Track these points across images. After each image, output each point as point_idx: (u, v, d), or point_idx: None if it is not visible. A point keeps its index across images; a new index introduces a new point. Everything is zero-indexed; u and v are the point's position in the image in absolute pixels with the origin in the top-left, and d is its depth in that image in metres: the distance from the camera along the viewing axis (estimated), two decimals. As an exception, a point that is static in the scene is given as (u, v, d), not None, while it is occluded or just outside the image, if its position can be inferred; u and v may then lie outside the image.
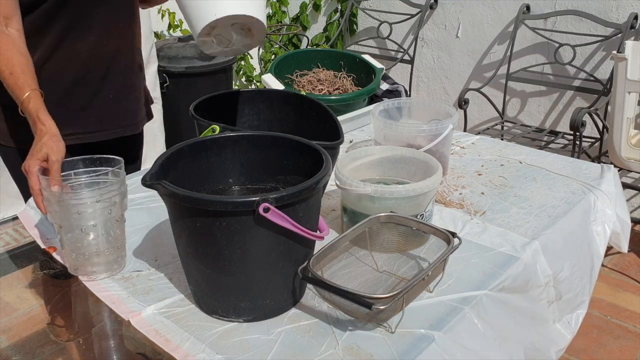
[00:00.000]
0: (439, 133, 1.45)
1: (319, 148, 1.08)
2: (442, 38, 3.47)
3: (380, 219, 1.15)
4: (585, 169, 1.59)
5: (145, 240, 1.27)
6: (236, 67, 3.82)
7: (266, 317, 1.02)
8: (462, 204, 1.41)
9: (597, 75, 2.93)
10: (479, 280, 1.12)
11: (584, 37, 2.92)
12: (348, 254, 1.14)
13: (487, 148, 1.76)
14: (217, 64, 3.12)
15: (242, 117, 1.48)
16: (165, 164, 1.03)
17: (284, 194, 0.92)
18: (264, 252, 0.97)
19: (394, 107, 1.61)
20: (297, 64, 2.21)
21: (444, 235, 1.09)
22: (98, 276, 1.12)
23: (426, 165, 1.29)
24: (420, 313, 1.02)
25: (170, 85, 3.05)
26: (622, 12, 2.82)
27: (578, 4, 2.92)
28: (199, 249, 0.98)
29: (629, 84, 2.31)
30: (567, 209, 1.38)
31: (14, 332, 1.04)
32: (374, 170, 1.36)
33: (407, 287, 0.95)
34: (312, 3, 3.96)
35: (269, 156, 1.16)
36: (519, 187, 1.50)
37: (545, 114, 3.18)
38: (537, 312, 1.22)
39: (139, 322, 1.02)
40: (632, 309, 2.32)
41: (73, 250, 1.10)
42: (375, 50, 3.79)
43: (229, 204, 0.91)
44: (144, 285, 1.12)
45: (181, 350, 0.95)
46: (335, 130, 1.31)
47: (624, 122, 2.36)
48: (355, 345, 0.95)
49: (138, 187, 1.25)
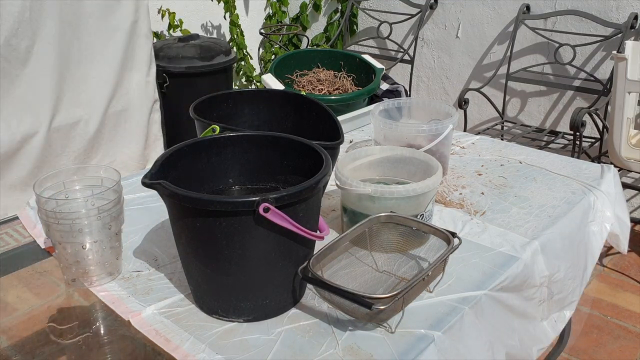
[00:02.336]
0: (439, 133, 1.45)
1: (319, 148, 1.08)
2: (442, 38, 3.47)
3: (380, 219, 1.15)
4: (585, 169, 1.59)
5: (145, 240, 1.27)
6: (236, 67, 3.82)
7: (266, 317, 1.02)
8: (462, 204, 1.41)
9: (597, 75, 2.93)
10: (479, 280, 1.12)
11: (584, 37, 2.92)
12: (348, 254, 1.14)
13: (487, 148, 1.76)
14: (217, 64, 3.12)
15: (242, 117, 1.47)
16: (165, 164, 1.03)
17: (284, 194, 0.92)
18: (264, 252, 0.97)
19: (394, 107, 1.61)
20: (297, 64, 2.20)
21: (444, 235, 1.09)
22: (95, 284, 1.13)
23: (426, 165, 1.29)
24: (420, 313, 1.03)
25: (170, 85, 3.05)
26: (622, 12, 2.82)
27: (578, 4, 2.92)
28: (199, 249, 0.98)
29: (629, 84, 2.31)
30: (567, 209, 1.38)
31: (14, 332, 1.04)
32: (374, 170, 1.35)
33: (407, 287, 0.95)
34: (312, 3, 3.96)
35: (269, 156, 1.16)
36: (519, 187, 1.50)
37: (545, 114, 3.18)
38: (527, 311, 1.23)
39: (139, 322, 1.02)
40: (632, 309, 2.32)
41: (72, 265, 1.10)
42: (375, 50, 3.79)
43: (229, 204, 0.91)
44: (144, 285, 1.12)
45: (181, 350, 0.95)
46: (335, 130, 1.31)
47: (624, 122, 2.36)
48: (355, 345, 0.95)
49: (138, 187, 1.25)
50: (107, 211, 1.07)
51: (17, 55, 2.25)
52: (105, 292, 1.11)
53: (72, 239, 1.06)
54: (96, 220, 1.06)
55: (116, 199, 1.09)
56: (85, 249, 1.08)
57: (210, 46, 3.14)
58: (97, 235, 1.08)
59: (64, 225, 1.05)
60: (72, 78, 2.46)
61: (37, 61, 2.31)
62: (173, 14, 3.40)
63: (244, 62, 3.83)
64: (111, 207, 1.08)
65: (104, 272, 1.13)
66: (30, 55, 2.29)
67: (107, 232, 1.09)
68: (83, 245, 1.08)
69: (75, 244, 1.07)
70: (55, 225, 1.05)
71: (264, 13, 4.09)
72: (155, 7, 3.32)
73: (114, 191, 1.10)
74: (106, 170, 1.17)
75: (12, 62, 2.24)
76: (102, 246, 1.10)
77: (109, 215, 1.08)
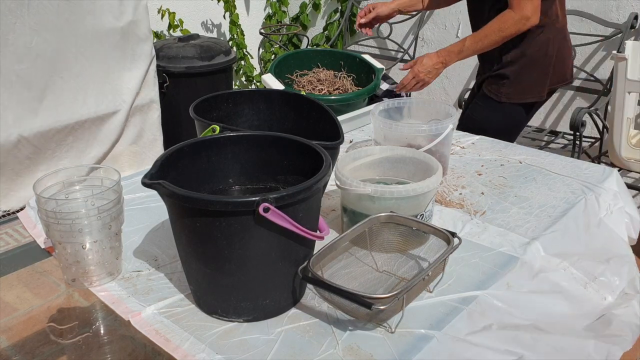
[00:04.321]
0: (439, 133, 1.45)
1: (319, 148, 1.08)
2: (442, 38, 3.47)
3: (380, 219, 1.15)
4: (585, 169, 1.59)
5: (145, 240, 1.27)
6: (236, 67, 3.82)
7: (266, 317, 1.02)
8: (462, 204, 1.41)
9: (597, 75, 2.93)
10: (479, 280, 1.12)
11: (584, 37, 2.91)
12: (348, 254, 1.14)
13: (487, 148, 1.76)
14: (217, 64, 3.12)
15: (242, 117, 1.47)
16: (165, 164, 1.03)
17: (284, 194, 0.92)
18: (264, 252, 0.97)
19: (394, 107, 1.61)
20: (297, 64, 2.20)
21: (444, 235, 1.09)
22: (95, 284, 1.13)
23: (426, 165, 1.29)
24: (420, 313, 1.03)
25: (170, 85, 3.05)
26: (622, 12, 2.82)
27: (578, 4, 2.92)
28: (199, 249, 0.98)
29: (629, 84, 2.31)
30: (567, 209, 1.38)
31: (14, 332, 1.04)
32: (374, 170, 1.35)
33: (407, 287, 0.95)
34: (312, 3, 3.96)
35: (269, 156, 1.16)
36: (519, 187, 1.50)
37: (545, 114, 3.18)
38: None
39: (139, 322, 1.02)
40: (632, 309, 2.31)
41: (72, 265, 1.10)
42: (375, 50, 3.79)
43: (229, 204, 0.91)
44: (144, 285, 1.12)
45: (181, 350, 0.95)
46: (335, 130, 1.31)
47: (624, 122, 2.36)
48: (355, 345, 0.95)
49: (138, 187, 1.25)
50: (107, 211, 1.07)
51: (14, 51, 2.24)
52: (105, 292, 1.11)
53: (72, 239, 1.06)
54: (96, 220, 1.06)
55: (116, 199, 1.09)
56: (85, 249, 1.08)
57: (210, 46, 3.14)
58: (97, 235, 1.08)
59: (64, 225, 1.05)
60: (70, 77, 2.45)
61: (35, 59, 2.31)
62: (173, 13, 3.40)
63: (244, 62, 3.83)
64: (111, 207, 1.08)
65: (104, 272, 1.13)
66: (28, 53, 2.28)
67: (107, 232, 1.09)
68: (83, 245, 1.08)
69: (75, 244, 1.07)
70: (55, 225, 1.05)
71: (264, 13, 4.09)
72: (155, 7, 3.32)
73: (114, 191, 1.10)
74: (106, 170, 1.17)
75: (8, 58, 2.24)
76: (102, 246, 1.10)
77: (109, 215, 1.07)
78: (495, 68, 1.98)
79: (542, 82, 1.98)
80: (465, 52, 1.89)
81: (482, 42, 1.87)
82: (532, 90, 1.99)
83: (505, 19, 1.81)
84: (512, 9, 1.80)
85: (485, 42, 1.86)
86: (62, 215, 1.04)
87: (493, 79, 2.00)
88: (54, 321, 1.06)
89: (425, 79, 1.93)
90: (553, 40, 1.94)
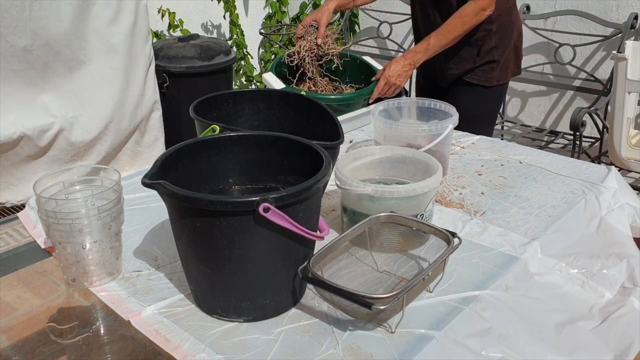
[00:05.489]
0: (439, 133, 1.45)
1: (319, 148, 1.08)
2: (442, 38, 3.46)
3: (380, 219, 1.15)
4: (585, 169, 1.59)
5: (145, 240, 1.27)
6: (236, 67, 3.82)
7: (266, 317, 1.02)
8: (462, 204, 1.41)
9: (597, 75, 2.93)
10: (479, 280, 1.12)
11: (584, 37, 2.92)
12: (348, 254, 1.14)
13: (487, 148, 1.76)
14: (217, 64, 3.12)
15: (242, 117, 1.47)
16: (165, 164, 1.03)
17: (284, 194, 0.92)
18: (264, 252, 0.97)
19: (394, 107, 1.61)
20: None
21: (444, 235, 1.09)
22: (95, 284, 1.13)
23: (426, 165, 1.29)
24: (420, 313, 1.03)
25: (170, 85, 3.05)
26: (622, 12, 2.82)
27: (578, 4, 2.92)
28: (199, 249, 0.98)
29: (629, 84, 2.31)
30: (567, 209, 1.38)
31: (14, 332, 1.03)
32: (374, 170, 1.35)
33: (407, 287, 0.95)
34: (312, 3, 3.96)
35: (269, 156, 1.16)
36: (519, 187, 1.50)
37: (545, 114, 3.18)
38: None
39: (139, 322, 1.02)
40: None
41: (72, 265, 1.10)
42: (376, 50, 3.79)
43: (229, 204, 0.91)
44: (144, 285, 1.12)
45: (181, 350, 0.95)
46: (335, 130, 1.31)
47: (624, 122, 2.36)
48: (355, 345, 0.95)
49: (138, 187, 1.25)
50: (107, 211, 1.07)
51: (14, 53, 2.25)
52: (105, 292, 1.11)
53: (72, 239, 1.06)
54: (96, 220, 1.06)
55: (116, 199, 1.09)
56: (85, 249, 1.08)
57: (210, 46, 3.14)
58: (97, 235, 1.08)
59: (64, 225, 1.05)
60: (70, 77, 2.46)
61: (35, 60, 2.31)
62: (173, 13, 3.40)
63: (244, 61, 3.83)
64: (111, 207, 1.08)
65: (104, 272, 1.13)
66: (29, 54, 2.29)
67: (107, 232, 1.09)
68: (83, 245, 1.08)
69: (75, 244, 1.07)
70: (55, 225, 1.05)
71: (264, 13, 4.09)
72: (155, 7, 3.32)
73: (114, 191, 1.10)
74: (106, 170, 1.17)
75: (9, 59, 2.24)
76: (102, 246, 1.10)
77: (109, 215, 1.07)
78: (480, 58, 2.03)
79: (519, 57, 2.13)
80: (431, 49, 1.93)
81: (447, 38, 1.92)
82: (515, 67, 2.12)
83: (466, 12, 1.89)
84: (473, 0, 1.88)
85: (449, 38, 1.92)
86: (62, 215, 1.04)
87: (482, 67, 2.05)
88: (54, 321, 1.06)
89: (397, 83, 1.96)
90: (515, 16, 2.07)
